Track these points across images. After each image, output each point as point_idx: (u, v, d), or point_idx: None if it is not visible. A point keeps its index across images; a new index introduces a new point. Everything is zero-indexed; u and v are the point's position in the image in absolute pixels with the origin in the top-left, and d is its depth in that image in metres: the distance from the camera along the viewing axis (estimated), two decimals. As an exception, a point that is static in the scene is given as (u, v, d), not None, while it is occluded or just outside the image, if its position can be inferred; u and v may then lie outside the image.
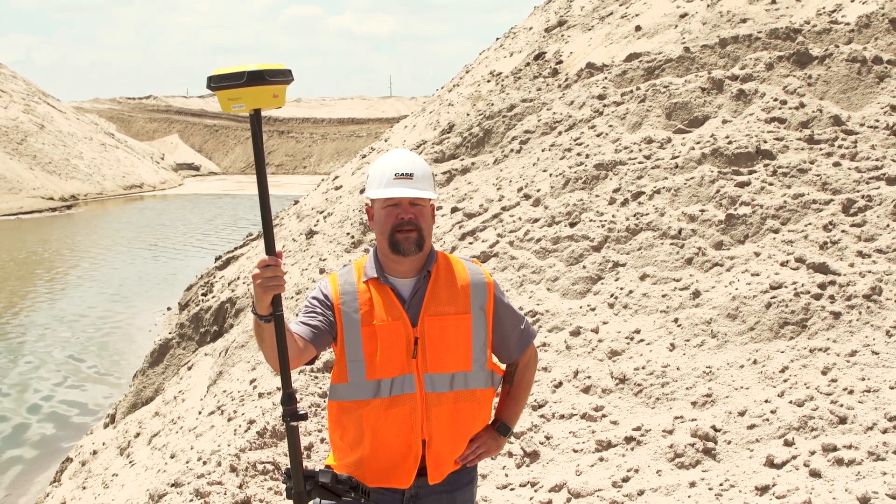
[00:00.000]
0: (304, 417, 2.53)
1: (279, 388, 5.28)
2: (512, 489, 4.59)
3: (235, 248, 15.85)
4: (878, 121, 6.82)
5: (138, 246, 29.79)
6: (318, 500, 2.59)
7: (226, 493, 4.63)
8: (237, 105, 2.39)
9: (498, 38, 17.83)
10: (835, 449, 4.19)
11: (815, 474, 4.09)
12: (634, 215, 6.53)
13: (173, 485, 4.96)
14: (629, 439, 4.67)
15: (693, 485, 4.24)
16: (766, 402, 4.63)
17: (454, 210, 8.04)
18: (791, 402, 4.56)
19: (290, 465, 2.54)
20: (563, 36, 12.77)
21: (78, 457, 9.41)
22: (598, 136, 8.02)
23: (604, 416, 4.92)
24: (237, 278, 12.09)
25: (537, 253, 6.62)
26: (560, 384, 5.26)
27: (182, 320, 11.94)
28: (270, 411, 5.61)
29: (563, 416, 5.00)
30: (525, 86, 11.10)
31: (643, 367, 5.12)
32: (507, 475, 4.70)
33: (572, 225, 6.76)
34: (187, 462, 5.53)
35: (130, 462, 7.77)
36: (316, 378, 5.92)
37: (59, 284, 23.22)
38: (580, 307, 5.93)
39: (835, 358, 4.82)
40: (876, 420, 4.30)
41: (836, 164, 6.39)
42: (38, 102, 55.21)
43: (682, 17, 10.31)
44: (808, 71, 7.62)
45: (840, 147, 6.62)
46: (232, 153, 74.74)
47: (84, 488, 8.08)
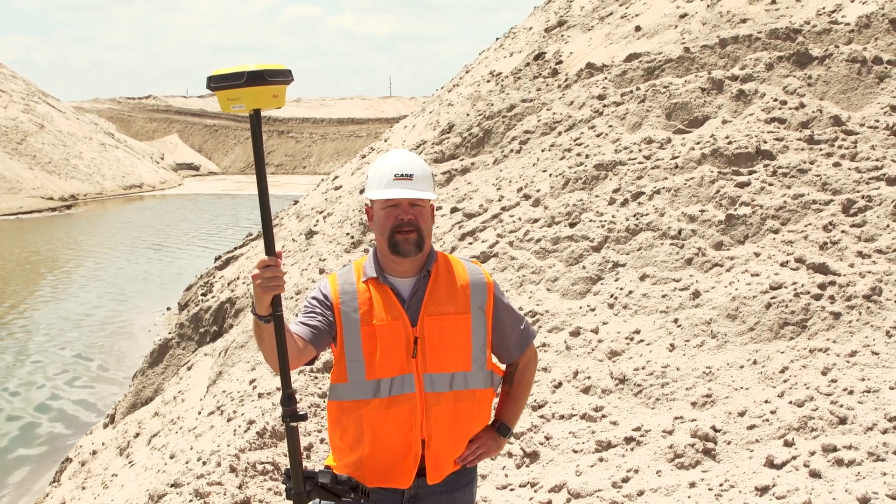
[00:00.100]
0: (304, 418, 2.53)
1: (279, 389, 5.29)
2: (512, 489, 4.59)
3: (235, 248, 15.84)
4: (878, 121, 6.82)
5: (138, 246, 29.79)
6: (317, 500, 2.59)
7: (225, 494, 4.63)
8: (237, 105, 2.39)
9: (498, 39, 17.84)
10: (835, 449, 4.19)
11: (815, 475, 4.09)
12: (634, 215, 6.53)
13: (173, 485, 4.96)
14: (629, 440, 4.67)
15: (693, 485, 4.24)
16: (766, 402, 4.63)
17: (454, 210, 8.04)
18: (791, 403, 4.56)
19: (289, 466, 2.54)
20: (562, 36, 12.77)
21: (77, 457, 9.41)
22: (598, 136, 8.02)
23: (603, 416, 4.92)
24: (237, 278, 12.08)
25: (537, 253, 6.62)
26: (560, 384, 5.26)
27: (182, 320, 11.94)
28: (270, 411, 5.61)
29: (562, 417, 5.00)
30: (525, 86, 11.10)
31: (643, 368, 5.12)
32: (506, 475, 4.70)
33: (572, 225, 6.75)
34: (187, 462, 5.52)
35: (130, 462, 7.77)
36: (315, 378, 5.92)
37: (59, 284, 23.22)
38: (580, 307, 5.92)
39: (835, 358, 4.82)
40: (876, 420, 4.30)
41: (836, 165, 6.39)
42: (37, 102, 55.21)
43: (682, 17, 10.31)
44: (808, 71, 7.62)
45: (840, 147, 6.61)
46: (231, 153, 74.74)
47: (83, 488, 8.07)
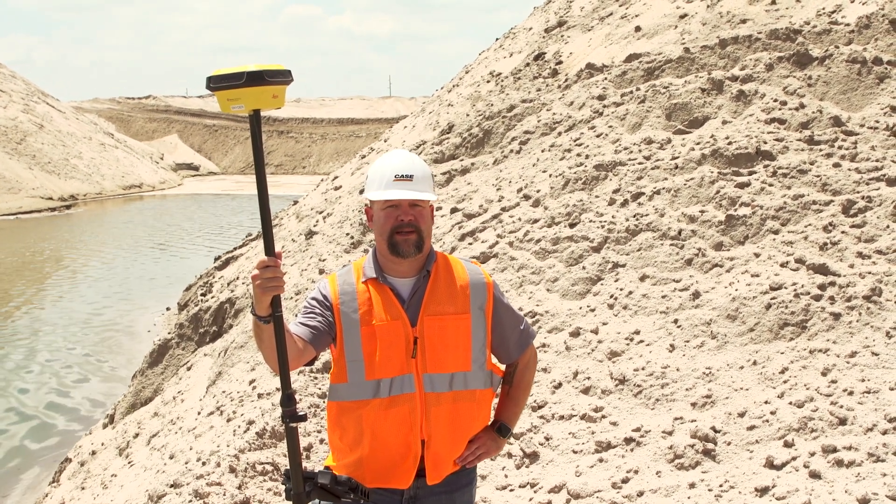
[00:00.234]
0: (304, 418, 2.53)
1: (278, 389, 5.28)
2: (511, 490, 4.59)
3: (235, 249, 15.83)
4: (878, 122, 6.81)
5: (137, 246, 29.79)
6: (317, 501, 2.59)
7: (225, 494, 4.62)
8: (236, 105, 2.38)
9: (498, 39, 17.83)
10: (835, 450, 4.19)
11: (815, 475, 4.09)
12: (634, 216, 6.52)
13: (172, 485, 4.95)
14: (629, 440, 4.66)
15: (693, 486, 4.24)
16: (766, 403, 4.63)
17: (454, 211, 8.04)
18: (791, 404, 4.56)
19: (289, 466, 2.54)
20: (562, 36, 12.77)
21: (77, 457, 9.40)
22: (598, 136, 8.02)
23: (603, 416, 4.92)
24: (236, 278, 12.08)
25: (537, 254, 6.62)
26: (560, 385, 5.25)
27: (181, 320, 11.93)
28: (270, 412, 5.61)
29: (562, 417, 5.00)
30: (525, 86, 11.10)
31: (643, 368, 5.12)
32: (506, 476, 4.70)
33: (572, 226, 6.75)
34: (186, 463, 5.52)
35: (129, 462, 7.76)
36: (315, 379, 5.92)
37: (59, 284, 23.22)
38: (580, 308, 5.92)
39: (835, 359, 4.82)
40: (876, 421, 4.30)
41: (836, 165, 6.39)
42: (37, 102, 55.21)
43: (682, 17, 10.31)
44: (808, 72, 7.62)
45: (840, 148, 6.61)
46: (231, 153, 74.74)
47: (83, 489, 8.07)
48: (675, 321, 5.44)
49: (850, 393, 4.54)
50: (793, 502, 3.92)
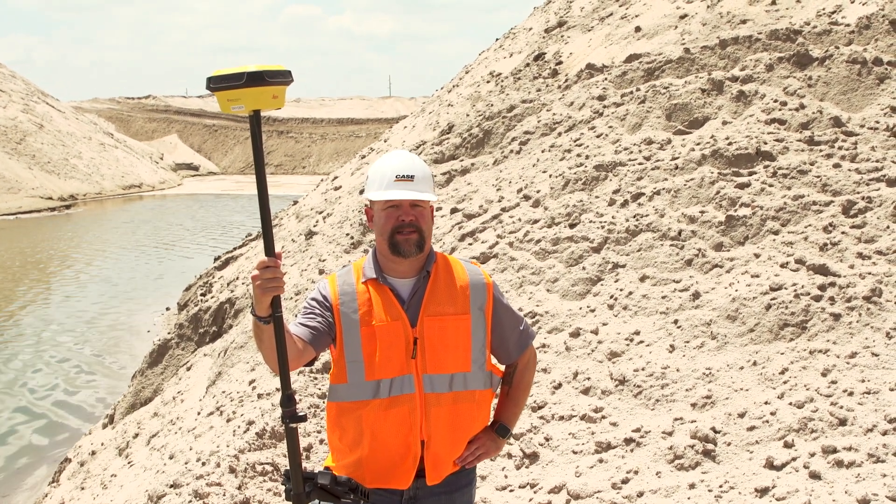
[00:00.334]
0: (304, 419, 2.53)
1: (278, 390, 5.28)
2: (511, 491, 4.59)
3: (234, 249, 15.82)
4: (878, 122, 6.81)
5: (137, 246, 29.79)
6: (317, 501, 2.59)
7: (224, 495, 4.62)
8: (236, 106, 2.38)
9: (497, 39, 17.84)
10: (835, 451, 4.18)
11: (815, 476, 4.08)
12: (634, 216, 6.52)
13: (172, 486, 4.95)
14: (629, 441, 4.66)
15: (693, 486, 4.24)
16: (766, 403, 4.63)
17: (454, 211, 8.03)
18: (791, 404, 4.56)
19: (289, 467, 2.54)
20: (562, 37, 12.77)
21: (76, 457, 9.40)
22: (598, 137, 8.02)
23: (603, 417, 4.92)
24: (236, 279, 12.07)
25: (537, 254, 6.62)
26: (559, 385, 5.25)
27: (181, 321, 11.93)
28: (269, 412, 5.61)
29: (562, 418, 4.99)
30: (525, 86, 11.10)
31: (643, 369, 5.12)
32: (506, 476, 4.70)
33: (572, 226, 6.75)
34: (186, 463, 5.52)
35: (129, 463, 7.76)
36: (315, 379, 5.91)
37: (59, 284, 23.21)
38: (580, 308, 5.92)
39: (835, 360, 4.82)
40: (876, 422, 4.30)
41: (837, 166, 6.39)
42: (37, 102, 55.20)
43: (682, 18, 10.31)
44: (809, 72, 7.62)
45: (840, 148, 6.61)
46: (231, 153, 74.73)
47: (82, 489, 8.06)
48: (675, 322, 5.44)
49: (850, 393, 4.54)
50: (793, 503, 3.91)
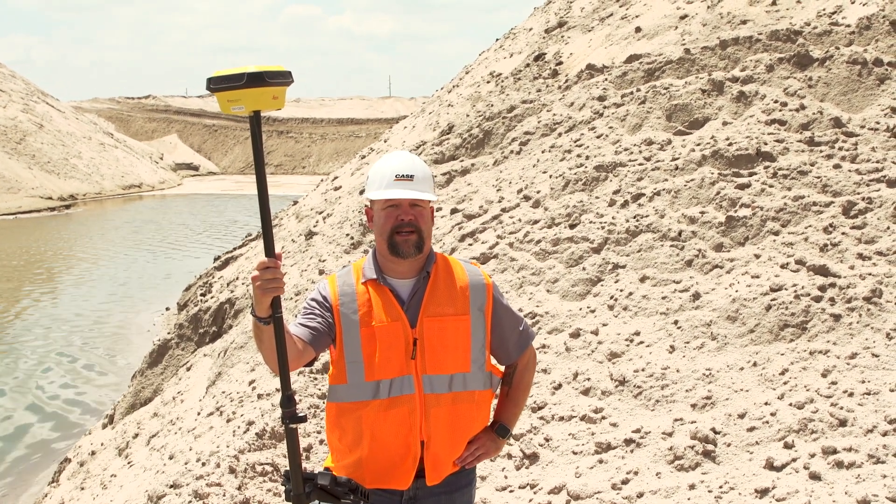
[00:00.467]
0: (304, 419, 2.53)
1: (278, 390, 5.28)
2: (511, 491, 4.59)
3: (234, 249, 15.82)
4: (878, 123, 6.81)
5: (137, 246, 29.79)
6: (316, 502, 2.59)
7: (224, 495, 4.62)
8: (237, 106, 2.38)
9: (498, 39, 17.83)
10: (835, 451, 4.18)
11: (815, 477, 4.08)
12: (634, 217, 6.52)
13: (172, 486, 4.95)
14: (629, 441, 4.66)
15: (692, 487, 4.23)
16: (766, 404, 4.63)
17: (454, 211, 8.03)
18: (791, 405, 4.56)
19: (289, 467, 2.54)
20: (563, 37, 12.76)
21: (76, 457, 9.40)
22: (598, 137, 8.02)
23: (603, 418, 4.91)
24: (236, 279, 12.07)
25: (537, 254, 6.61)
26: (559, 386, 5.25)
27: (181, 321, 11.92)
28: (269, 412, 5.60)
29: (562, 418, 4.99)
30: (525, 87, 11.10)
31: (643, 370, 5.11)
32: (506, 477, 4.69)
33: (572, 226, 6.75)
34: (186, 463, 5.51)
35: (129, 463, 7.76)
36: (315, 379, 5.91)
37: (59, 284, 23.21)
38: (580, 309, 5.92)
39: (835, 360, 4.82)
40: (876, 423, 4.30)
41: (837, 167, 6.39)
42: (36, 102, 55.19)
43: (683, 18, 10.31)
44: (809, 73, 7.62)
45: (840, 149, 6.61)
46: (231, 153, 74.73)
47: (82, 489, 8.06)
48: (676, 322, 5.44)
49: (851, 394, 4.53)
50: (793, 504, 3.92)
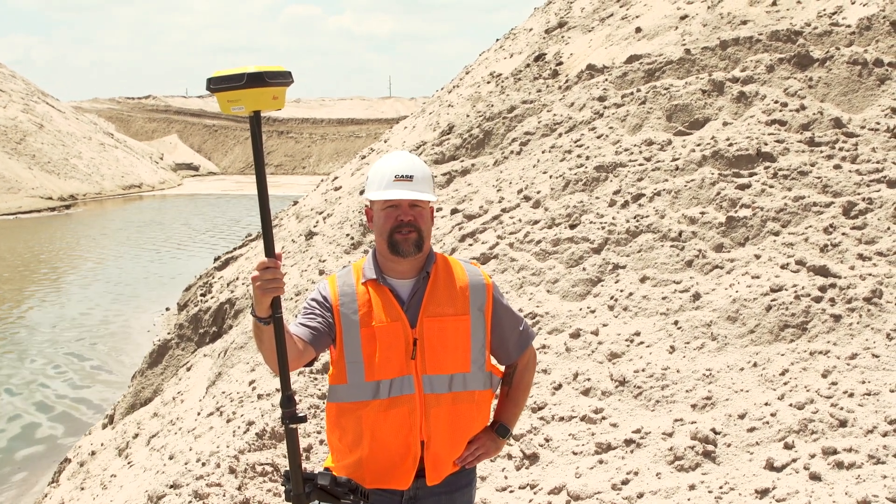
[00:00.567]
0: (304, 420, 2.53)
1: (278, 390, 5.28)
2: (511, 491, 4.58)
3: (234, 249, 15.82)
4: (878, 123, 6.81)
5: (137, 246, 29.78)
6: (316, 502, 2.59)
7: (224, 495, 4.62)
8: (237, 107, 2.38)
9: (498, 40, 17.82)
10: (835, 452, 4.18)
11: (815, 477, 4.08)
12: (634, 217, 6.52)
13: (172, 486, 4.95)
14: (629, 442, 4.66)
15: (693, 487, 4.23)
16: (766, 404, 4.63)
17: (454, 212, 8.03)
18: (791, 405, 4.56)
19: (289, 467, 2.54)
20: (563, 37, 12.76)
21: (76, 457, 9.40)
22: (599, 137, 8.02)
23: (603, 418, 4.91)
24: (236, 279, 12.07)
25: (537, 255, 6.61)
26: (560, 386, 5.25)
27: (181, 321, 11.92)
28: (269, 413, 5.60)
29: (562, 419, 4.99)
30: (525, 87, 11.10)
31: (643, 370, 5.11)
32: (506, 477, 4.69)
33: (572, 227, 6.75)
34: (186, 463, 5.51)
35: (129, 463, 7.76)
36: (315, 380, 5.91)
37: (59, 284, 23.21)
38: (580, 309, 5.92)
39: (835, 361, 4.82)
40: (876, 423, 4.30)
41: (837, 167, 6.39)
42: (37, 102, 55.18)
43: (683, 18, 10.30)
44: (809, 73, 7.62)
45: (841, 150, 6.61)
46: (231, 153, 74.73)
47: (82, 489, 8.06)
48: (676, 323, 5.44)
49: (851, 395, 4.53)
50: (793, 504, 3.91)
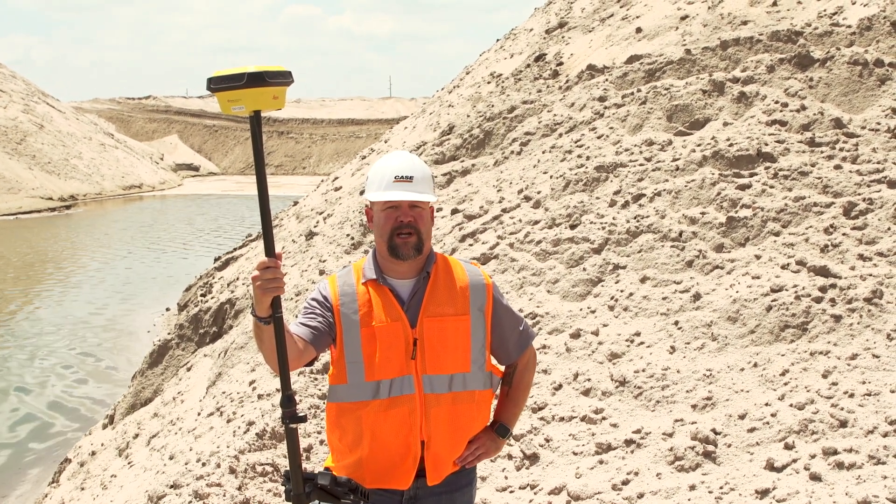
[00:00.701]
0: (304, 419, 2.53)
1: (278, 390, 5.28)
2: (511, 492, 4.58)
3: (235, 249, 15.83)
4: (879, 123, 6.81)
5: (137, 246, 29.78)
6: (317, 502, 2.59)
7: (225, 495, 4.62)
8: (237, 107, 2.38)
9: (498, 40, 17.81)
10: (835, 452, 4.18)
11: (816, 478, 4.08)
12: (635, 217, 6.52)
13: (172, 486, 4.95)
14: (629, 442, 4.66)
15: (693, 488, 4.23)
16: (767, 405, 4.62)
17: (454, 212, 8.03)
18: (791, 406, 4.56)
19: (289, 467, 2.54)
20: (563, 37, 12.76)
21: (76, 457, 9.40)
22: (599, 138, 8.01)
23: (604, 418, 4.91)
24: (236, 279, 12.07)
25: (537, 255, 6.61)
26: (560, 386, 5.25)
27: (181, 321, 11.92)
28: (270, 413, 5.60)
29: (562, 419, 4.99)
30: (525, 87, 11.10)
31: (643, 370, 5.11)
32: (506, 477, 4.69)
33: (573, 227, 6.75)
34: (186, 463, 5.51)
35: (129, 463, 7.76)
36: (315, 380, 5.91)
37: (59, 285, 23.21)
38: (580, 309, 5.92)
39: (835, 361, 4.82)
40: (876, 424, 4.30)
41: (838, 167, 6.39)
42: (37, 102, 55.18)
43: (683, 18, 10.30)
44: (810, 73, 7.62)
45: (841, 150, 6.61)
46: (231, 153, 74.74)
47: (82, 489, 8.06)
48: (676, 323, 5.44)
49: (851, 395, 4.53)
50: (793, 505, 3.91)
